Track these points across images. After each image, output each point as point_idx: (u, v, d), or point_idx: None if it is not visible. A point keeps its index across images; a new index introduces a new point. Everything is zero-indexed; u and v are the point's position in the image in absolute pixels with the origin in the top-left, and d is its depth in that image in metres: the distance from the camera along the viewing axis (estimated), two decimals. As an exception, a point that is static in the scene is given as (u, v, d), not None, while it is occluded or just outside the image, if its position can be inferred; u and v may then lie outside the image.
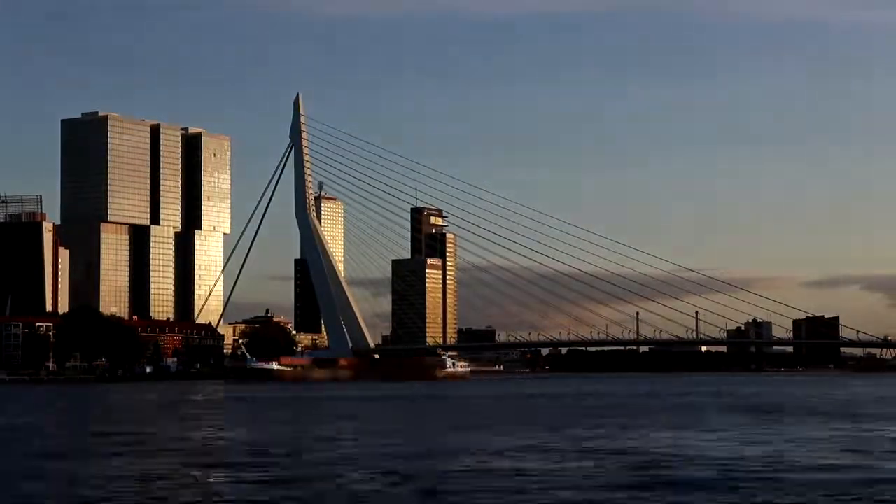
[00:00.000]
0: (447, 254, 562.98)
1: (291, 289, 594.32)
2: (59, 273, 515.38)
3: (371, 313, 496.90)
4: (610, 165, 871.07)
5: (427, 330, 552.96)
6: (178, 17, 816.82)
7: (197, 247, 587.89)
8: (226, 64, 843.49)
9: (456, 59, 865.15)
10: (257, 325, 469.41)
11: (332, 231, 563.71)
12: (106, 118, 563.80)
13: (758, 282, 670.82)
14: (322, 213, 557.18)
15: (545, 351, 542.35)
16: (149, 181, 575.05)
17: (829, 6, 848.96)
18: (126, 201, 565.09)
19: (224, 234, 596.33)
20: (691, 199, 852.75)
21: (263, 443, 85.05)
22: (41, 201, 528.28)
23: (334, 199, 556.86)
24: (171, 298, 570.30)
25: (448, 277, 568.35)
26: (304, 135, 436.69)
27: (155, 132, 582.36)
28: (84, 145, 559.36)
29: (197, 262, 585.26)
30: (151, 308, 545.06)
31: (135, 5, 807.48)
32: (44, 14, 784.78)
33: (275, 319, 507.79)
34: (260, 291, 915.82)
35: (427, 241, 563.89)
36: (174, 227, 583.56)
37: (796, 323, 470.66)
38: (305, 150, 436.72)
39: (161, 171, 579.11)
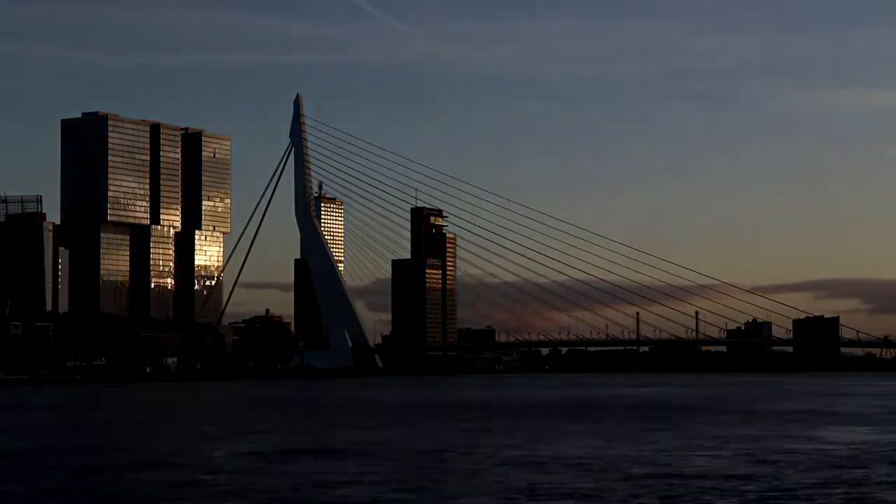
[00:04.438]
0: (447, 254, 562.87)
1: (291, 289, 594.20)
2: (59, 273, 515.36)
3: (371, 313, 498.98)
4: (611, 165, 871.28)
5: (427, 330, 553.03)
6: (178, 17, 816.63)
7: (197, 247, 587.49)
8: (226, 64, 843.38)
9: (455, 58, 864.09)
10: (257, 325, 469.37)
11: (332, 231, 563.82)
12: (106, 118, 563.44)
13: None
14: (322, 213, 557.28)
15: (545, 351, 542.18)
16: (149, 181, 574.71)
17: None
18: (126, 201, 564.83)
19: (224, 234, 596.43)
20: (688, 202, 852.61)
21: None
22: (41, 201, 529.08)
23: (334, 199, 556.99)
24: (171, 298, 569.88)
25: (448, 277, 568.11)
26: (304, 135, 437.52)
27: (155, 132, 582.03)
28: (84, 145, 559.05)
29: (197, 262, 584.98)
30: (151, 308, 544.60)
31: (135, 5, 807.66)
32: (44, 14, 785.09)
33: (275, 319, 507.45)
34: (260, 291, 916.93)
35: (427, 241, 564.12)
36: (174, 227, 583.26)
37: (796, 323, 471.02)
38: (305, 150, 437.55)
39: (161, 171, 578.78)
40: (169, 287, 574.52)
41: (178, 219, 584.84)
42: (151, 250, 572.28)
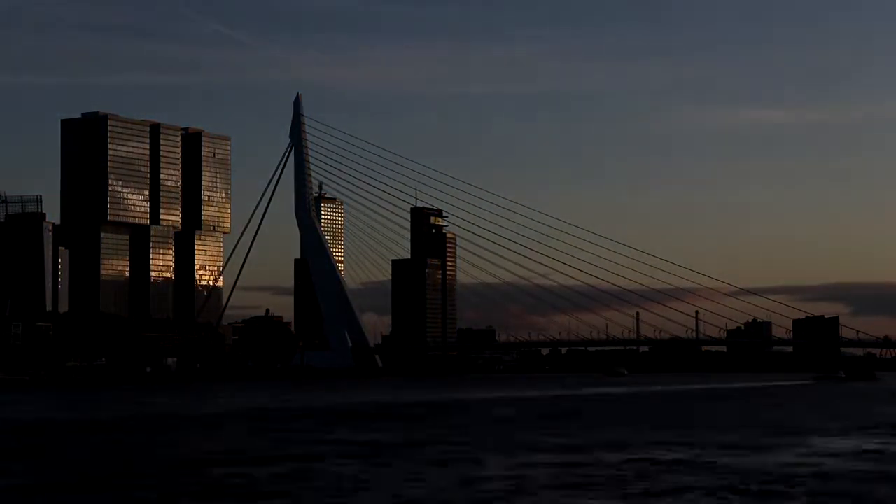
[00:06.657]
0: (447, 254, 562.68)
1: (291, 289, 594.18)
2: (59, 273, 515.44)
3: (371, 313, 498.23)
4: (611, 166, 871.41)
5: (427, 330, 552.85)
6: (178, 17, 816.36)
7: (197, 247, 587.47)
8: (226, 64, 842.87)
9: (453, 58, 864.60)
10: (257, 325, 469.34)
11: (332, 231, 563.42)
12: (106, 118, 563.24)
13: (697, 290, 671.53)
14: (322, 213, 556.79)
15: (545, 351, 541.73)
16: (149, 181, 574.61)
17: None
18: (126, 201, 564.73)
19: (224, 234, 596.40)
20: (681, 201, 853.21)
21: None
22: (41, 201, 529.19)
23: (334, 199, 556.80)
24: (171, 298, 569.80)
25: (448, 277, 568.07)
26: (304, 135, 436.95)
27: (155, 132, 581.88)
28: (84, 145, 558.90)
29: (197, 262, 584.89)
30: (151, 308, 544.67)
31: (134, 4, 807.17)
32: (43, 12, 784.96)
33: (275, 319, 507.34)
34: (260, 292, 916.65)
35: (427, 241, 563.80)
36: (174, 227, 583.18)
37: (796, 323, 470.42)
38: (305, 150, 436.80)
39: (161, 171, 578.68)
40: (169, 287, 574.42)
41: (178, 219, 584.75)
42: (151, 250, 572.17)
